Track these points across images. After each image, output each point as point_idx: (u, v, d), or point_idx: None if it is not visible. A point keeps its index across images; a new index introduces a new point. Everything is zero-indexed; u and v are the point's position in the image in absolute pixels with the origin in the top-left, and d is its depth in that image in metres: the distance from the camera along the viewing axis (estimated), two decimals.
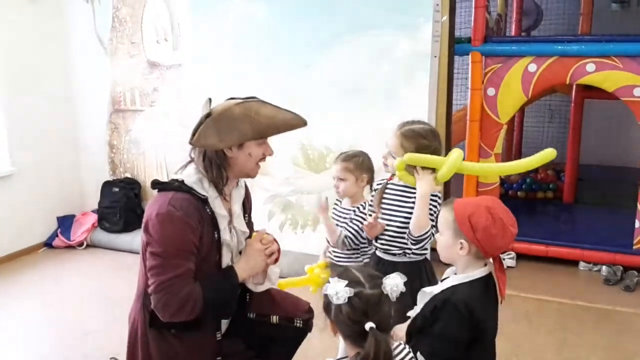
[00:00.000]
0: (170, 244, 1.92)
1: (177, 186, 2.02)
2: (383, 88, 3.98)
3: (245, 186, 2.33)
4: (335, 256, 2.69)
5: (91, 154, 5.10)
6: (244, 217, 2.27)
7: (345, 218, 2.66)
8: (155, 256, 1.93)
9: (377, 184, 2.51)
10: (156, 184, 2.08)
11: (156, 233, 1.93)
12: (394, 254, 2.38)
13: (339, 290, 1.49)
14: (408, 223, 2.29)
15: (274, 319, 2.29)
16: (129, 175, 5.01)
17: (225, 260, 2.13)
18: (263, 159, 2.13)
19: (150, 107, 4.82)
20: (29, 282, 4.13)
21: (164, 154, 4.79)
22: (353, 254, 2.65)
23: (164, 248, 1.92)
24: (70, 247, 4.79)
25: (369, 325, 1.46)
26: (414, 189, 2.26)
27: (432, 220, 2.23)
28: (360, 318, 1.48)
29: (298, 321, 2.32)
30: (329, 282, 1.54)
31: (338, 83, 4.09)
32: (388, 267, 2.29)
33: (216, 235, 2.07)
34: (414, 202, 2.27)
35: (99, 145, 5.06)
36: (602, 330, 3.40)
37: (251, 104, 2.03)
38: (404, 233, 2.31)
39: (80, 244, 4.81)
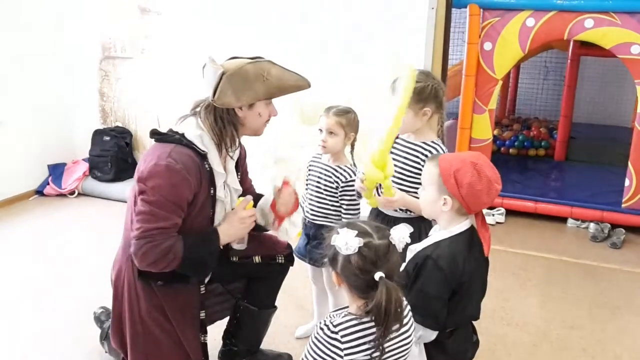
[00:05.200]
0: (164, 195, 1.92)
1: (177, 139, 2.02)
2: (378, 40, 3.92)
3: (241, 146, 2.32)
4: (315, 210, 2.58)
5: (82, 102, 5.02)
6: (237, 175, 2.28)
7: (325, 173, 2.53)
8: (146, 203, 1.93)
9: None
10: (154, 134, 2.08)
11: (152, 182, 1.93)
12: (396, 209, 2.31)
13: (349, 240, 1.47)
14: (414, 180, 2.26)
15: (257, 259, 2.35)
16: (119, 124, 4.94)
17: (218, 217, 2.14)
18: (269, 119, 2.16)
19: (141, 54, 4.73)
20: (20, 229, 4.13)
21: (155, 103, 4.71)
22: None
23: (156, 198, 1.92)
24: (61, 195, 4.78)
25: (378, 274, 1.45)
26: (421, 145, 2.26)
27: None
28: (369, 268, 1.46)
29: (280, 257, 2.40)
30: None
31: (332, 36, 4.02)
32: (389, 222, 2.19)
33: (212, 192, 2.08)
34: (419, 159, 2.25)
35: (89, 93, 4.98)
36: (587, 286, 3.47)
37: (263, 64, 2.04)
38: (409, 190, 2.26)
39: (72, 193, 4.80)
